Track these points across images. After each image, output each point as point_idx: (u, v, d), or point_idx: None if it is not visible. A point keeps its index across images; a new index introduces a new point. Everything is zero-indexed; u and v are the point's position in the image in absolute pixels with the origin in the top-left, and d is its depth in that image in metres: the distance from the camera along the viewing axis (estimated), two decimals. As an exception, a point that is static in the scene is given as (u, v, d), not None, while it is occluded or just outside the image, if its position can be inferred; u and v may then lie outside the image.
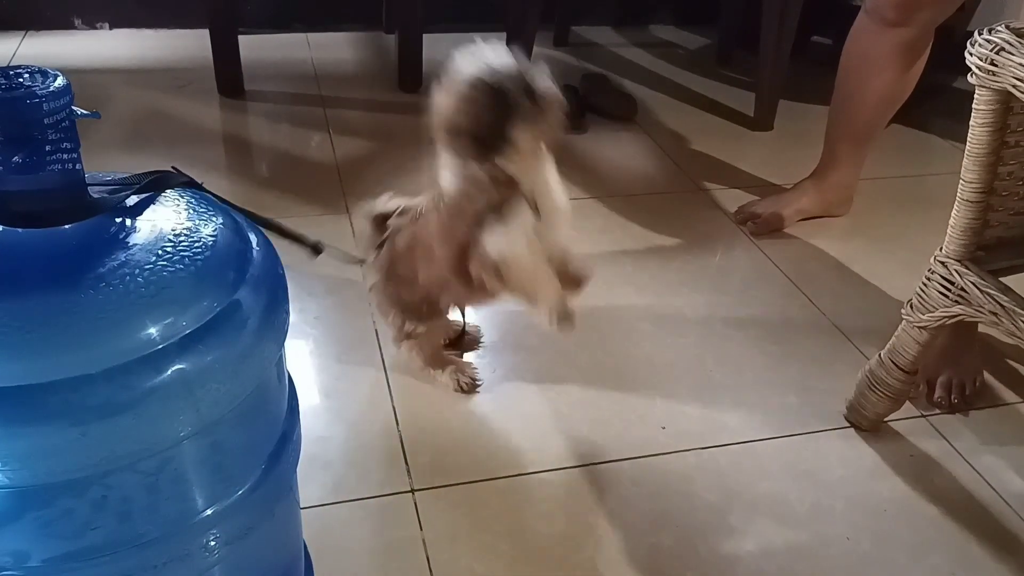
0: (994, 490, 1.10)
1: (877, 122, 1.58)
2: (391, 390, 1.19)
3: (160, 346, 0.53)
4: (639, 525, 1.02)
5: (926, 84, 1.58)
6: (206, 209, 0.63)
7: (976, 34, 0.89)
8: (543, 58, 2.34)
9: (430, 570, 0.94)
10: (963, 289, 0.99)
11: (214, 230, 0.60)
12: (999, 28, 0.88)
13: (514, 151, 0.95)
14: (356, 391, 1.19)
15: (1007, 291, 0.96)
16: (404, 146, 1.91)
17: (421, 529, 0.99)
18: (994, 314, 0.96)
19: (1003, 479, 1.11)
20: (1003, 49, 0.86)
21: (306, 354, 1.25)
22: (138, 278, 0.54)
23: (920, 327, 1.06)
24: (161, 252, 0.56)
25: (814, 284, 1.49)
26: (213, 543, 0.62)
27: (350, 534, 0.98)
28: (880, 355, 1.12)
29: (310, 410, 1.15)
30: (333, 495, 1.02)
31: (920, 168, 1.98)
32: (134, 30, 2.40)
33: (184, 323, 0.54)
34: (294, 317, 0.68)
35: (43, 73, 0.55)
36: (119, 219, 0.59)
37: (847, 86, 1.56)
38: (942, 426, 1.19)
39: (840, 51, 1.55)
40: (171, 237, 0.58)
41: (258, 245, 0.64)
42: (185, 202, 0.63)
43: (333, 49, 2.38)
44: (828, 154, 1.65)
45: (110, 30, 2.39)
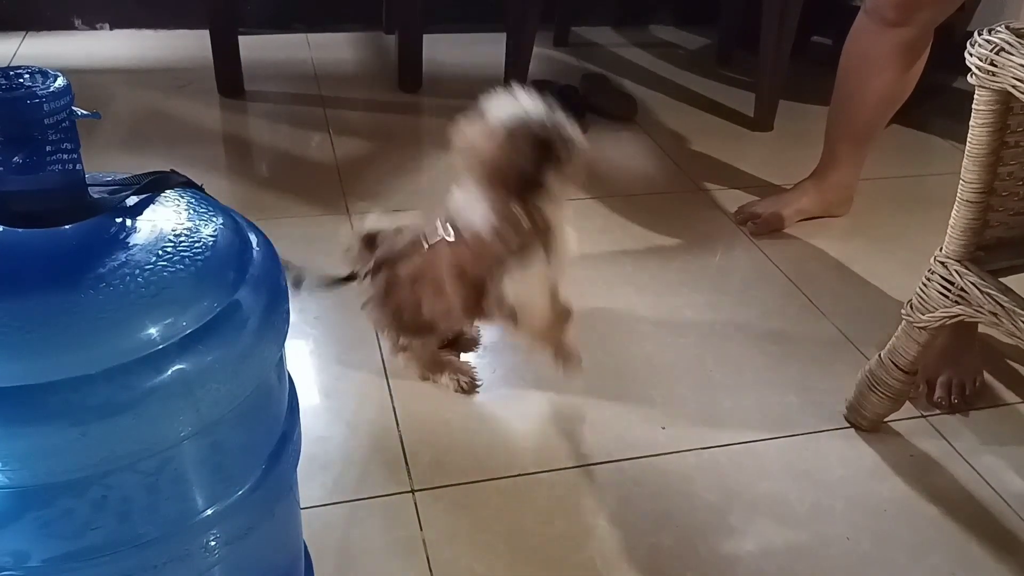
0: (994, 490, 1.10)
1: (877, 122, 1.58)
2: (391, 390, 1.19)
3: (160, 346, 0.53)
4: (639, 525, 1.02)
5: (926, 84, 1.58)
6: (206, 209, 0.63)
7: (976, 34, 0.89)
8: (543, 58, 2.36)
9: (430, 570, 0.95)
10: (963, 289, 0.99)
11: (214, 230, 0.60)
12: (999, 28, 0.88)
13: (548, 195, 1.00)
14: (356, 391, 1.19)
15: (1007, 291, 0.96)
16: (404, 146, 1.91)
17: (421, 529, 0.99)
18: (994, 314, 0.96)
19: (1003, 479, 1.11)
20: (1003, 49, 0.86)
21: (306, 354, 1.25)
22: (138, 278, 0.54)
23: (920, 327, 1.06)
24: (161, 252, 0.56)
25: (814, 284, 1.49)
26: (213, 543, 0.62)
27: (350, 534, 0.98)
28: (880, 355, 1.12)
29: (310, 410, 1.15)
30: (333, 495, 1.03)
31: (920, 168, 1.98)
32: (134, 30, 2.40)
33: (184, 323, 0.54)
34: (294, 317, 0.68)
35: (43, 73, 0.55)
36: (119, 219, 0.59)
37: (847, 86, 1.56)
38: (942, 426, 1.19)
39: (840, 51, 1.54)
40: (171, 237, 0.58)
41: (258, 245, 0.64)
42: (185, 202, 0.63)
43: (333, 49, 2.38)
44: (828, 154, 1.65)
45: (110, 30, 2.39)
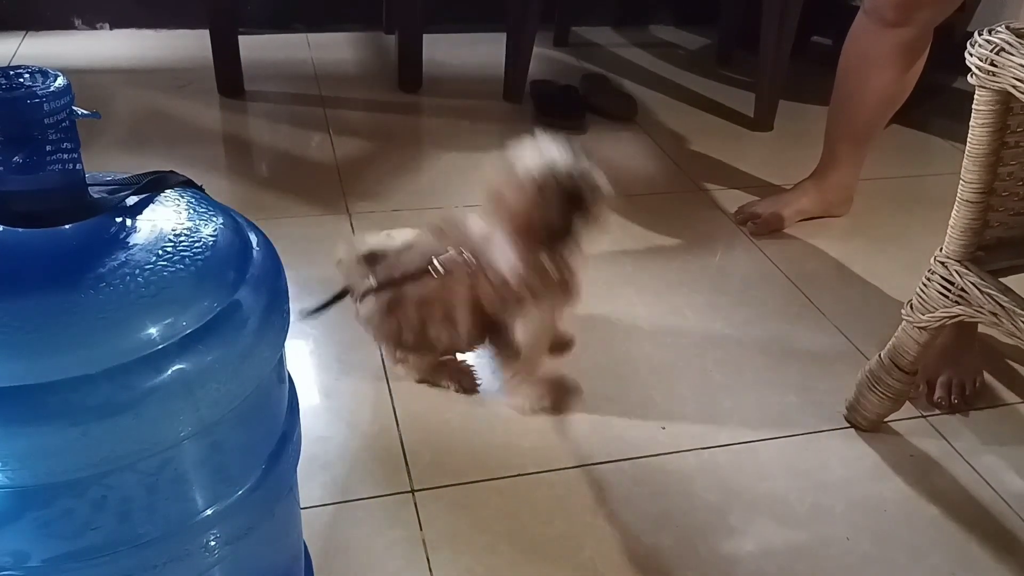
0: (994, 490, 1.10)
1: (876, 122, 1.58)
2: (391, 390, 1.19)
3: (160, 346, 0.53)
4: (639, 525, 1.02)
5: (926, 84, 1.58)
6: (206, 209, 0.63)
7: (976, 34, 0.89)
8: (543, 58, 2.36)
9: (430, 570, 0.95)
10: (963, 289, 0.99)
11: (214, 230, 0.60)
12: (999, 28, 0.88)
13: (575, 245, 1.04)
14: (356, 391, 1.19)
15: (1007, 291, 0.96)
16: (404, 146, 1.91)
17: (421, 529, 0.99)
18: (994, 314, 0.96)
19: (1003, 479, 1.11)
20: (1003, 49, 0.86)
21: (306, 354, 1.25)
22: (138, 278, 0.54)
23: (920, 327, 1.06)
24: (161, 252, 0.56)
25: (814, 284, 1.49)
26: (213, 543, 0.62)
27: (350, 534, 0.98)
28: (880, 355, 1.12)
29: (310, 410, 1.15)
30: (333, 495, 1.03)
31: (920, 168, 1.98)
32: (134, 30, 2.40)
33: (184, 323, 0.54)
34: (294, 317, 0.68)
35: (43, 73, 0.55)
36: (119, 219, 0.59)
37: (846, 86, 1.56)
38: (942, 426, 1.19)
39: (840, 51, 1.55)
40: (171, 237, 0.58)
41: (258, 245, 0.64)
42: (185, 202, 0.63)
43: (333, 49, 2.38)
44: (828, 154, 1.65)
45: (110, 30, 2.39)
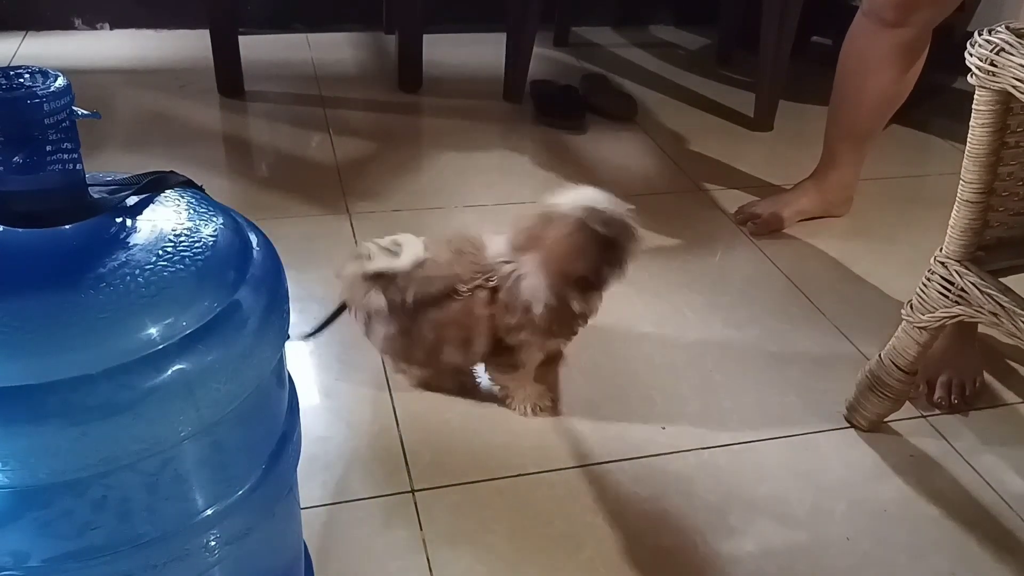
0: (994, 490, 1.10)
1: (876, 123, 1.58)
2: (391, 390, 1.19)
3: (160, 346, 0.53)
4: (639, 525, 1.02)
5: (926, 84, 1.58)
6: (206, 209, 0.63)
7: (976, 34, 0.89)
8: (543, 58, 2.36)
9: (430, 570, 0.95)
10: (963, 289, 0.99)
11: (214, 230, 0.60)
12: (999, 28, 0.88)
13: (604, 290, 1.08)
14: (356, 391, 1.19)
15: (1007, 291, 0.96)
16: (404, 146, 1.91)
17: (421, 529, 0.99)
18: (994, 314, 0.96)
19: (1003, 479, 1.11)
20: (1003, 49, 0.86)
21: (306, 354, 1.25)
22: (138, 278, 0.54)
23: (920, 327, 1.06)
24: (161, 252, 0.56)
25: (814, 284, 1.49)
26: (213, 543, 0.62)
27: (350, 534, 0.98)
28: (880, 355, 1.12)
29: (310, 410, 1.15)
30: (333, 495, 1.03)
31: (920, 168, 1.98)
32: (134, 30, 2.40)
33: (184, 323, 0.54)
34: (294, 317, 0.68)
35: (43, 73, 0.55)
36: (119, 219, 0.59)
37: (845, 87, 1.56)
38: (942, 426, 1.19)
39: (840, 51, 1.54)
40: (171, 237, 0.58)
41: (258, 245, 0.64)
42: (185, 202, 0.63)
43: (333, 49, 2.38)
44: (827, 155, 1.65)
45: (110, 30, 2.39)
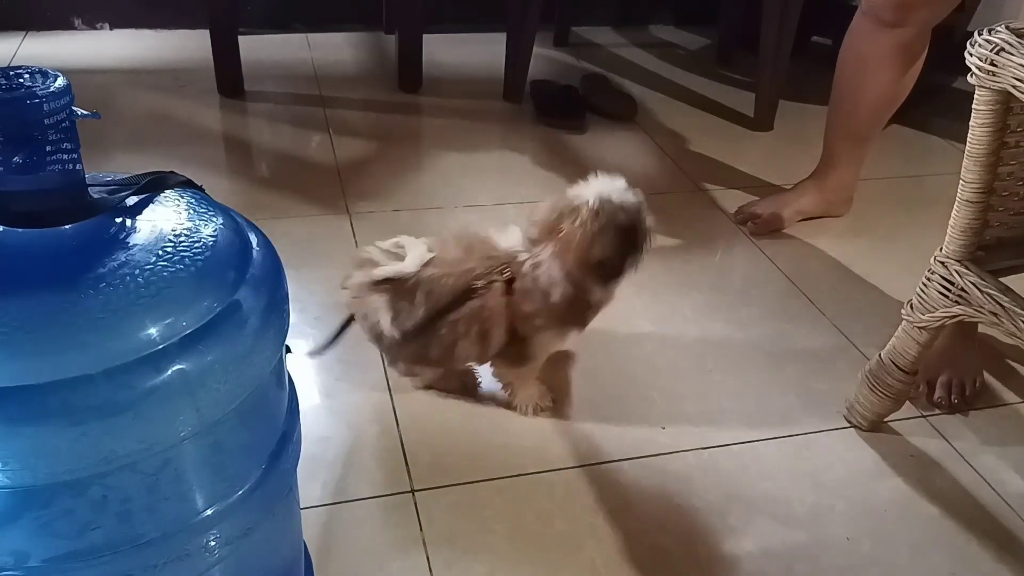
0: (994, 490, 1.10)
1: (875, 123, 1.58)
2: (391, 390, 1.19)
3: (160, 346, 0.53)
4: (639, 525, 1.02)
5: (926, 84, 1.58)
6: (206, 209, 0.63)
7: (976, 34, 0.89)
8: (543, 58, 2.36)
9: (430, 570, 0.94)
10: (963, 289, 0.99)
11: (214, 230, 0.60)
12: (999, 28, 0.88)
13: (623, 278, 1.08)
14: (356, 391, 1.19)
15: (1007, 291, 0.96)
16: (404, 146, 1.91)
17: (421, 529, 0.99)
18: (994, 314, 0.96)
19: (1003, 479, 1.11)
20: (1003, 49, 0.86)
21: (306, 354, 1.25)
22: (138, 278, 0.54)
23: (920, 327, 1.06)
24: (161, 252, 0.56)
25: (814, 284, 1.49)
26: (213, 543, 0.62)
27: (350, 534, 0.98)
28: (880, 355, 1.12)
29: (310, 410, 1.15)
30: (333, 495, 1.03)
31: (920, 168, 1.98)
32: (134, 30, 2.40)
33: (184, 323, 0.54)
34: (294, 317, 0.68)
35: (43, 73, 0.55)
36: (119, 219, 0.59)
37: (844, 87, 1.56)
38: (942, 426, 1.19)
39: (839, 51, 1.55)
40: (171, 237, 0.58)
41: (258, 245, 0.64)
42: (185, 202, 0.63)
43: (333, 49, 2.38)
44: (827, 154, 1.65)
45: (110, 30, 2.39)
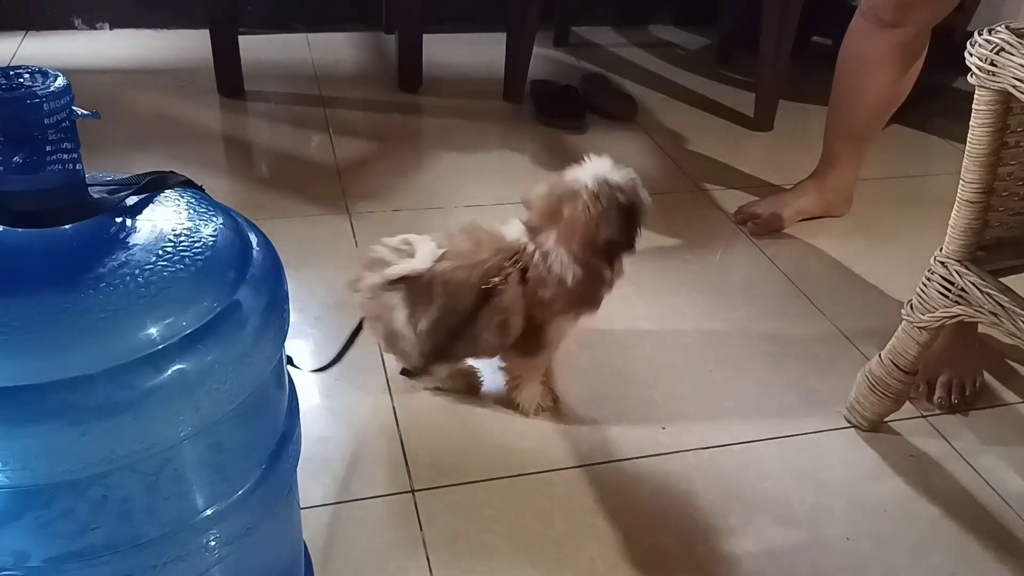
0: (994, 490, 1.10)
1: (875, 123, 1.58)
2: (391, 390, 1.19)
3: (160, 346, 0.53)
4: (639, 525, 1.02)
5: (926, 84, 1.58)
6: (206, 209, 0.63)
7: (976, 34, 0.89)
8: (543, 58, 2.36)
9: (430, 570, 0.94)
10: (963, 289, 0.99)
11: (214, 230, 0.60)
12: (999, 28, 0.88)
13: (628, 255, 1.09)
14: (356, 391, 1.19)
15: (1007, 291, 0.96)
16: (404, 146, 1.91)
17: (421, 529, 0.99)
18: (994, 314, 0.96)
19: (1003, 479, 1.11)
20: (1003, 49, 0.86)
21: (306, 354, 1.25)
22: (138, 278, 0.54)
23: (920, 327, 1.06)
24: (161, 252, 0.56)
25: (814, 284, 1.49)
26: (213, 543, 0.62)
27: (350, 534, 0.98)
28: (880, 355, 1.12)
29: (310, 410, 1.15)
30: (333, 495, 1.03)
31: (920, 168, 1.98)
32: (134, 30, 2.40)
33: (184, 323, 0.54)
34: (294, 317, 0.68)
35: (43, 73, 0.55)
36: (119, 219, 0.59)
37: (844, 87, 1.56)
38: (942, 426, 1.19)
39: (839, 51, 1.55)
40: (171, 237, 0.58)
41: (258, 245, 0.64)
42: (185, 202, 0.63)
43: (333, 49, 2.38)
44: (827, 154, 1.65)
45: (110, 30, 2.39)
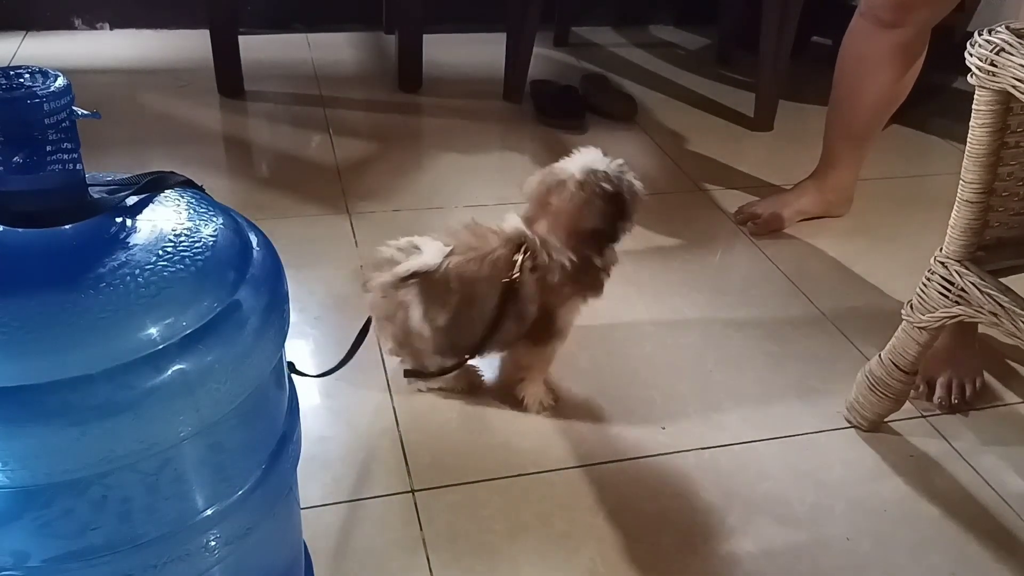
0: (994, 490, 1.10)
1: (874, 123, 1.58)
2: (391, 390, 1.19)
3: (160, 346, 0.53)
4: (639, 525, 1.02)
5: (925, 84, 1.58)
6: (206, 209, 0.63)
7: (976, 35, 0.89)
8: (543, 58, 2.36)
9: (430, 570, 0.95)
10: (963, 289, 0.99)
11: (214, 230, 0.60)
12: (999, 28, 0.88)
13: (616, 244, 1.10)
14: (356, 391, 1.19)
15: (1007, 291, 0.96)
16: (404, 146, 1.91)
17: (421, 529, 0.99)
18: (994, 314, 0.96)
19: (1003, 479, 1.11)
20: (1003, 49, 0.86)
21: (306, 354, 1.25)
22: (138, 278, 0.54)
23: (920, 327, 1.06)
24: (161, 252, 0.56)
25: (814, 284, 1.49)
26: (213, 543, 0.62)
27: (350, 534, 0.98)
28: (880, 355, 1.12)
29: (310, 410, 1.15)
30: (333, 495, 1.03)
31: (920, 168, 1.98)
32: (134, 30, 2.40)
33: (184, 323, 0.54)
34: (294, 317, 0.68)
35: (43, 73, 0.55)
36: (119, 219, 0.59)
37: (844, 88, 1.56)
38: (942, 426, 1.19)
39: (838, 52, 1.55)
40: (171, 237, 0.58)
41: (258, 245, 0.64)
42: (185, 202, 0.63)
43: (333, 49, 2.38)
44: (827, 155, 1.65)
45: (110, 30, 2.39)
